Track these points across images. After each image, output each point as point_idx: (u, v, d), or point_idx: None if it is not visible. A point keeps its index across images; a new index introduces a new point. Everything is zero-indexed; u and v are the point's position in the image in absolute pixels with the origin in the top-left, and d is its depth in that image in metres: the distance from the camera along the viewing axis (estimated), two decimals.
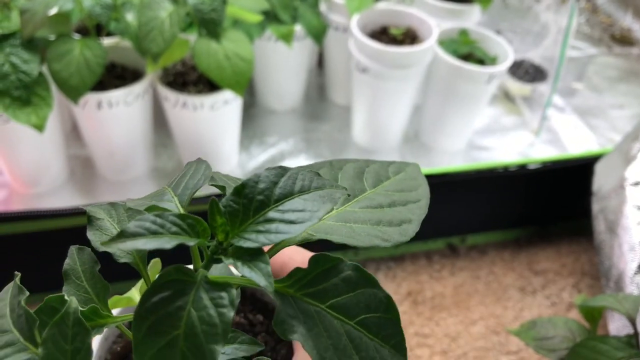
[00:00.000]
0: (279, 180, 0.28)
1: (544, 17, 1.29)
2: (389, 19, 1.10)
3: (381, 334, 0.29)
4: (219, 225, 0.27)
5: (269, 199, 0.28)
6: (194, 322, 0.25)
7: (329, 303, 0.29)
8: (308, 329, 0.28)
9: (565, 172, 1.07)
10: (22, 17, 0.85)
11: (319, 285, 0.29)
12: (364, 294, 0.29)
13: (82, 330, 0.27)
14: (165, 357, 0.24)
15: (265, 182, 0.28)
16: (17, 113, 0.84)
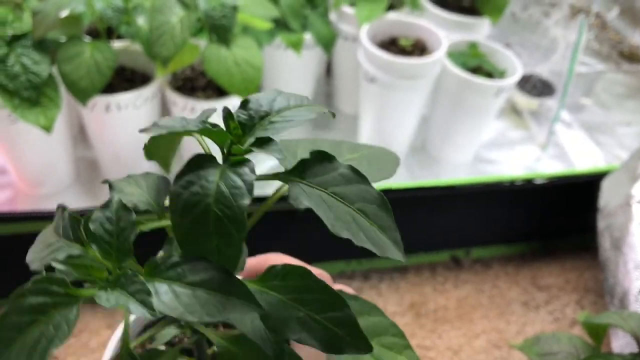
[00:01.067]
0: (276, 97, 0.34)
1: (553, 32, 1.29)
2: (399, 30, 1.10)
3: (378, 222, 0.32)
4: (232, 128, 0.32)
5: (271, 110, 0.33)
6: (223, 188, 0.29)
7: (331, 189, 0.32)
8: (317, 205, 0.31)
9: (572, 187, 1.07)
10: (34, 18, 0.86)
11: (321, 176, 0.33)
12: (359, 188, 0.32)
13: (126, 212, 0.32)
14: (200, 222, 0.29)
15: (265, 99, 0.34)
16: (26, 113, 0.84)
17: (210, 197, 0.29)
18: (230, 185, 0.29)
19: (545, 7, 1.47)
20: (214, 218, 0.29)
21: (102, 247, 0.32)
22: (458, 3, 1.19)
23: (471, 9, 1.18)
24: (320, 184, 0.32)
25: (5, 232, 0.90)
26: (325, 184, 0.32)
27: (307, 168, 0.33)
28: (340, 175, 0.32)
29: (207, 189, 0.29)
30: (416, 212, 1.01)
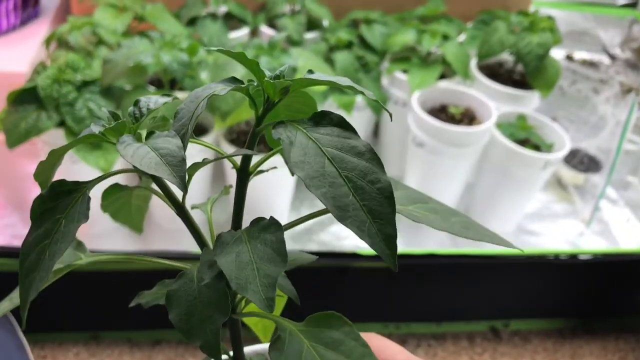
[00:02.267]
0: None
1: (602, 109, 1.30)
2: (449, 98, 1.12)
3: (368, 177, 0.28)
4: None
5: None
6: None
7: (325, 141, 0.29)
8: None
9: (616, 266, 1.05)
10: (104, 66, 0.91)
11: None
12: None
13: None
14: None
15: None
16: (87, 156, 0.88)
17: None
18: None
19: (594, 83, 1.48)
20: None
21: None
22: (509, 75, 1.21)
23: (521, 82, 1.20)
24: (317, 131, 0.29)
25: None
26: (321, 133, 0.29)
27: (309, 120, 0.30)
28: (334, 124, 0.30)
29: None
30: (457, 279, 1.00)
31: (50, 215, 0.28)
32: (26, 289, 0.28)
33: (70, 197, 0.29)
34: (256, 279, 0.27)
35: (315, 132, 0.29)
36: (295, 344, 0.30)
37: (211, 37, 1.15)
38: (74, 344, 0.99)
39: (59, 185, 0.29)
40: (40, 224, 0.28)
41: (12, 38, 1.20)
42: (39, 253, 0.28)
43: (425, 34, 1.15)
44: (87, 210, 0.28)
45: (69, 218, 0.28)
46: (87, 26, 1.01)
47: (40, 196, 0.29)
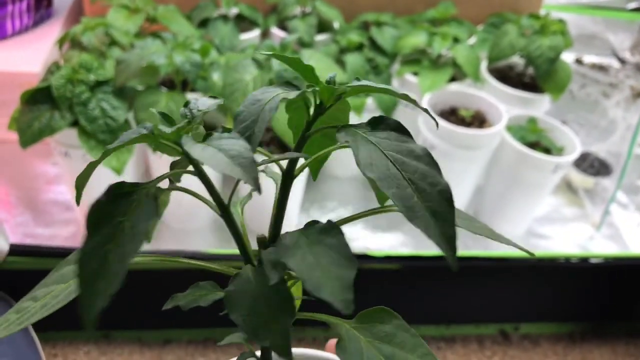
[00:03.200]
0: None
1: (612, 112, 1.30)
2: (459, 101, 1.12)
3: (428, 179, 0.28)
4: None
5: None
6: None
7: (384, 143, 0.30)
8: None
9: (627, 270, 1.05)
10: (117, 66, 0.91)
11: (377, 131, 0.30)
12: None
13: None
14: None
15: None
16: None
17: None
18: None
19: (603, 87, 1.48)
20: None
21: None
22: (519, 78, 1.21)
23: (531, 85, 1.20)
24: (377, 135, 0.30)
25: None
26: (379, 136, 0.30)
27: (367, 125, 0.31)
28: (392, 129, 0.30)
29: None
30: (467, 282, 1.00)
31: (109, 219, 0.27)
32: (91, 297, 0.26)
33: (130, 198, 0.28)
34: (331, 280, 0.26)
35: (374, 136, 0.30)
36: (354, 342, 0.31)
37: (222, 38, 1.16)
38: (85, 343, 1.00)
39: (118, 187, 0.29)
40: (98, 230, 0.27)
41: (25, 39, 1.21)
42: (102, 259, 0.26)
43: (435, 36, 1.15)
44: (156, 208, 0.27)
45: (134, 219, 0.27)
46: (100, 27, 1.02)
47: (97, 202, 0.27)
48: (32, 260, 0.92)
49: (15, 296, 0.93)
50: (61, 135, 0.90)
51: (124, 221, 0.27)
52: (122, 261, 0.25)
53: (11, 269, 0.91)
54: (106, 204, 0.27)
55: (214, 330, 1.03)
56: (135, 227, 0.26)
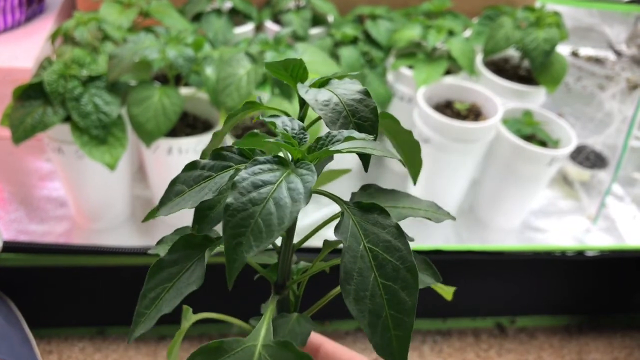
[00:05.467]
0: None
1: (608, 105, 1.30)
2: (454, 94, 1.12)
3: (396, 255, 0.30)
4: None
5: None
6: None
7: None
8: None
9: (623, 262, 1.05)
10: (110, 61, 0.90)
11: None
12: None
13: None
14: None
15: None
16: (93, 151, 0.88)
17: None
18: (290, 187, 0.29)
19: (599, 80, 1.48)
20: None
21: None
22: (515, 71, 1.21)
23: (527, 78, 1.19)
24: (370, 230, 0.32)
25: (60, 263, 0.92)
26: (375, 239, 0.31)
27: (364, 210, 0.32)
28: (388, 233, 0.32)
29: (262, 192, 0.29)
30: (463, 276, 1.00)
31: (165, 274, 0.34)
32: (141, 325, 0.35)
33: (191, 259, 0.34)
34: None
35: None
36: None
37: (216, 32, 1.15)
38: (80, 339, 0.99)
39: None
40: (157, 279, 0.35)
41: (17, 34, 1.20)
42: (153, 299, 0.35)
43: (431, 29, 1.14)
44: (201, 278, 0.33)
45: (181, 281, 0.33)
46: (92, 22, 1.01)
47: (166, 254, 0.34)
48: (26, 257, 0.91)
49: (9, 292, 0.93)
50: (54, 130, 0.89)
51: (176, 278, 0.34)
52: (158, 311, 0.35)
53: (5, 265, 0.91)
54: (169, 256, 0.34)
55: (209, 326, 1.03)
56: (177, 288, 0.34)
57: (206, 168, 0.32)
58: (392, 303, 0.30)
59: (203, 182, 0.32)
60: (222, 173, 0.32)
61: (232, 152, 0.33)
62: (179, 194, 0.32)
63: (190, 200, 0.31)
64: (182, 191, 0.32)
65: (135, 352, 0.97)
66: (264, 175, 0.29)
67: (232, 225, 0.28)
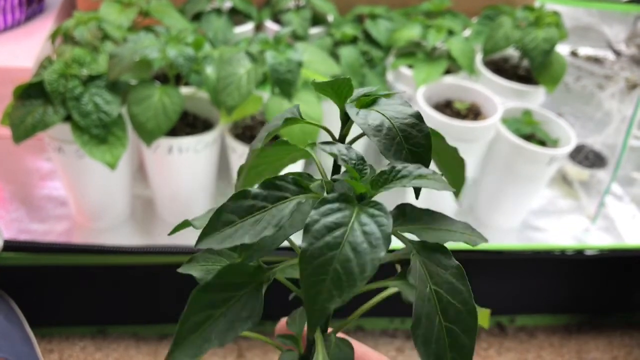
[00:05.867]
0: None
1: (607, 104, 1.30)
2: (454, 93, 1.12)
3: (458, 297, 0.30)
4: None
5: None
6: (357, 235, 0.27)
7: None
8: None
9: (622, 262, 1.05)
10: (110, 61, 0.91)
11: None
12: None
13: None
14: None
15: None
16: (94, 150, 0.88)
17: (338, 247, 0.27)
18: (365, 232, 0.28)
19: (599, 79, 1.48)
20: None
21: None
22: (514, 71, 1.21)
23: (526, 77, 1.19)
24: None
25: (61, 262, 0.93)
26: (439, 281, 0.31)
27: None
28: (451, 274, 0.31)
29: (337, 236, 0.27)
30: None
31: (212, 304, 0.31)
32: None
33: (241, 289, 0.31)
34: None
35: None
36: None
37: (216, 32, 1.15)
38: (81, 338, 1.00)
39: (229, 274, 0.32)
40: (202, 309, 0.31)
41: (17, 33, 1.20)
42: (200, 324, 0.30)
43: (430, 29, 1.15)
44: (258, 315, 0.30)
45: (231, 312, 0.31)
46: (92, 21, 1.01)
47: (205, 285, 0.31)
48: (26, 256, 0.91)
49: (9, 291, 0.93)
50: (54, 130, 0.89)
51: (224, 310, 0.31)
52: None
53: (6, 264, 0.91)
54: (215, 290, 0.31)
55: None
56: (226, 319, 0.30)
57: (259, 198, 0.30)
58: (454, 346, 0.29)
59: (257, 213, 0.30)
60: (278, 205, 0.30)
61: (286, 182, 0.31)
62: (227, 224, 0.29)
63: (247, 234, 0.29)
64: (231, 221, 0.29)
65: (136, 352, 0.98)
66: (334, 215, 0.28)
67: (309, 274, 0.26)
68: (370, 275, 0.26)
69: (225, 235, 0.29)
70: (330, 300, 0.26)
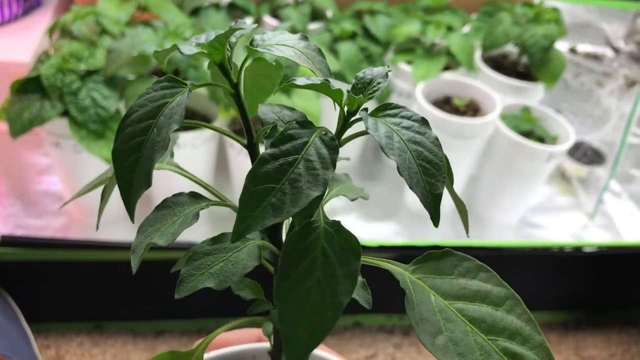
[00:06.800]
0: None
1: (606, 102, 1.30)
2: (453, 90, 1.12)
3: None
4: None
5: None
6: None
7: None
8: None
9: (621, 259, 1.05)
10: (108, 56, 0.90)
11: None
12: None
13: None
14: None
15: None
16: (91, 145, 0.88)
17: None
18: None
19: (597, 76, 1.48)
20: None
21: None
22: (513, 67, 1.21)
23: (525, 74, 1.19)
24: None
25: (58, 258, 0.92)
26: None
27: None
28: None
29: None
30: None
31: (141, 126, 0.29)
32: (126, 188, 0.29)
33: (160, 104, 0.30)
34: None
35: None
36: (420, 295, 0.30)
37: (214, 27, 1.15)
38: (78, 334, 0.99)
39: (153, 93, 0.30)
40: (132, 137, 0.29)
41: (14, 27, 1.19)
42: (133, 162, 0.29)
43: (429, 25, 1.14)
44: (181, 116, 0.28)
45: (159, 126, 0.29)
46: (90, 16, 1.00)
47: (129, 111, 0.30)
48: (23, 252, 0.91)
49: (6, 287, 0.92)
50: (52, 125, 0.89)
51: (152, 126, 0.29)
52: (151, 160, 0.28)
53: (3, 260, 0.90)
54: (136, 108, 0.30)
55: (207, 320, 1.03)
56: (159, 134, 0.28)
57: (282, 155, 0.27)
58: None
59: (293, 168, 0.27)
60: (307, 149, 0.28)
61: (294, 129, 0.29)
62: (266, 195, 0.26)
63: (303, 191, 0.26)
64: (271, 190, 0.26)
65: (133, 347, 0.97)
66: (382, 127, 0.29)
67: (409, 177, 0.27)
68: (443, 153, 0.28)
69: (275, 206, 0.26)
70: (435, 188, 0.27)
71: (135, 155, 0.29)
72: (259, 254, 0.35)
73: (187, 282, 0.33)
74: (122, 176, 0.29)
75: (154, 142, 0.28)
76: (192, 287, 0.33)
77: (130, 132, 0.29)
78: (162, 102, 0.30)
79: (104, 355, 0.96)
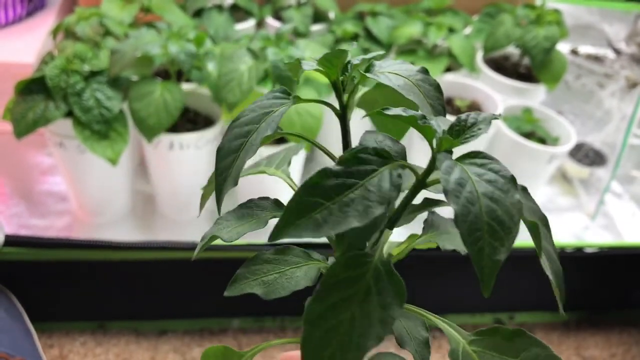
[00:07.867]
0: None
1: (607, 103, 1.30)
2: (455, 91, 1.12)
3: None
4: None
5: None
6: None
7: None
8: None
9: (622, 259, 1.06)
10: (112, 56, 0.91)
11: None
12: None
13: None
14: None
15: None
16: (95, 146, 0.88)
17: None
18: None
19: (599, 78, 1.48)
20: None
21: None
22: (515, 68, 1.21)
23: (527, 76, 1.20)
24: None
25: (62, 257, 0.93)
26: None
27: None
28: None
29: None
30: (461, 272, 1.01)
31: (245, 129, 0.32)
32: (220, 184, 0.31)
33: (266, 112, 0.32)
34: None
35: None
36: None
37: (217, 28, 1.16)
38: (81, 333, 1.00)
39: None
40: (236, 138, 0.31)
41: (18, 29, 1.20)
42: (232, 161, 0.31)
43: (431, 26, 1.15)
44: (276, 124, 0.31)
45: (260, 131, 0.31)
46: (94, 17, 1.01)
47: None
48: (27, 251, 0.91)
49: (10, 286, 0.93)
50: (56, 125, 0.89)
51: (252, 132, 0.31)
52: (243, 158, 0.31)
53: (6, 259, 0.91)
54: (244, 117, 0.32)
55: (210, 320, 1.03)
56: (255, 138, 0.31)
57: (343, 175, 0.26)
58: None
59: (349, 192, 0.26)
60: (370, 179, 0.27)
61: (369, 154, 0.28)
62: (313, 209, 0.25)
63: (349, 216, 0.25)
64: (318, 204, 0.25)
65: (136, 347, 0.98)
66: (454, 174, 0.27)
67: (467, 232, 0.25)
68: (520, 219, 0.25)
69: (317, 222, 0.25)
70: (496, 253, 0.25)
71: (234, 155, 0.31)
72: (316, 277, 0.35)
73: (239, 283, 0.33)
74: (220, 173, 0.31)
75: (251, 144, 0.30)
76: (241, 289, 0.33)
77: (236, 133, 0.31)
78: (268, 110, 0.31)
79: (107, 355, 0.97)
